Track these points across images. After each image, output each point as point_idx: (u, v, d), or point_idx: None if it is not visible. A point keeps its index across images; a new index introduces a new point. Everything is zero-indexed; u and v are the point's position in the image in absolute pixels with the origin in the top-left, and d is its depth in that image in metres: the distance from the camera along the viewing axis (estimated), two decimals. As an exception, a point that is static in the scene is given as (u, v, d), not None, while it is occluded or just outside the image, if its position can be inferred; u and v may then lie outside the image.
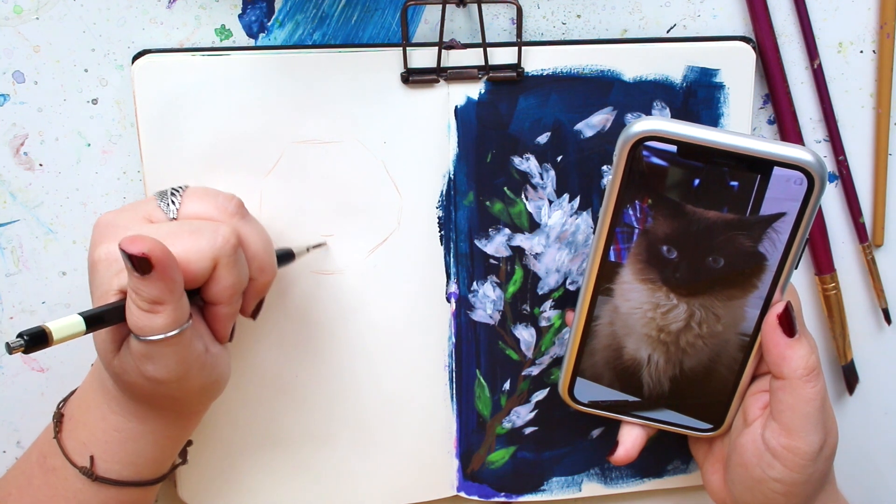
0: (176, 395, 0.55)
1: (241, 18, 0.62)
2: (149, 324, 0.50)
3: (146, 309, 0.50)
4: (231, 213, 0.56)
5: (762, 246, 0.56)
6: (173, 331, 0.51)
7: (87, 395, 0.58)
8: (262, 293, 0.59)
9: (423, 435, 0.69)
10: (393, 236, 0.65)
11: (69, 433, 0.58)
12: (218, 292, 0.54)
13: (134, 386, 0.54)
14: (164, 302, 0.50)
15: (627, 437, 0.64)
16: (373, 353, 0.67)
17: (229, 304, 0.56)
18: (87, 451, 0.57)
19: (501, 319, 0.67)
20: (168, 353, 0.52)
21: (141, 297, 0.50)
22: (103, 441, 0.57)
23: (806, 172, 0.53)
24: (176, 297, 0.51)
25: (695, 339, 0.60)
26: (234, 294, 0.55)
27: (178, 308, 0.51)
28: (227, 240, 0.53)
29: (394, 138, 0.64)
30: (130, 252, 0.48)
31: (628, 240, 0.57)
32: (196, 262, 0.52)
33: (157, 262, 0.49)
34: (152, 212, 0.56)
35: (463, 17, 0.64)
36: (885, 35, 0.67)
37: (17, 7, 0.60)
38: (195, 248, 0.52)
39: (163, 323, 0.51)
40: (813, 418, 0.56)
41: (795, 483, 0.57)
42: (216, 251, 0.53)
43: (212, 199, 0.56)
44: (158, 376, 0.53)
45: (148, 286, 0.49)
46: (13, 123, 0.62)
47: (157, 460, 0.59)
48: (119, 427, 0.57)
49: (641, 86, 0.64)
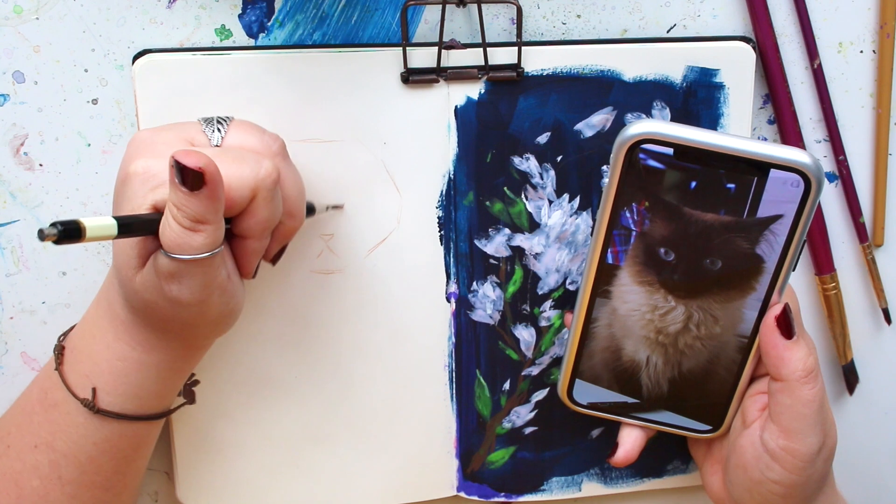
0: (191, 320, 0.54)
1: (241, 18, 0.62)
2: (187, 241, 0.50)
3: (187, 226, 0.49)
4: (275, 152, 0.56)
5: (760, 248, 0.56)
6: (207, 252, 0.50)
7: (92, 324, 0.58)
8: (287, 238, 0.58)
9: (423, 435, 0.69)
10: (393, 236, 0.65)
11: (71, 366, 0.58)
12: (251, 225, 0.54)
13: (151, 306, 0.53)
14: (207, 221, 0.49)
15: (627, 438, 0.64)
16: (373, 352, 0.67)
17: (259, 238, 0.55)
18: (90, 383, 0.57)
19: (501, 319, 0.67)
20: (196, 273, 0.51)
21: (184, 213, 0.49)
22: (107, 372, 0.56)
23: (803, 174, 0.53)
24: (217, 219, 0.50)
25: (693, 341, 0.60)
26: (265, 229, 0.54)
27: (218, 229, 0.50)
28: (269, 173, 0.53)
29: (394, 138, 0.64)
30: (186, 164, 0.47)
31: (626, 242, 0.57)
32: (237, 190, 0.51)
33: (209, 178, 0.48)
34: (195, 136, 0.55)
35: (463, 17, 0.64)
36: (885, 35, 0.66)
37: (17, 7, 0.60)
38: (238, 175, 0.52)
39: (201, 243, 0.50)
40: (811, 420, 0.56)
41: (794, 485, 0.57)
42: (258, 182, 0.52)
43: (258, 134, 0.56)
44: (181, 297, 0.52)
45: (194, 203, 0.48)
46: (13, 123, 0.62)
47: (160, 394, 0.59)
48: (123, 356, 0.56)
49: (641, 86, 0.64)
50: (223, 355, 0.65)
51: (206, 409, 0.66)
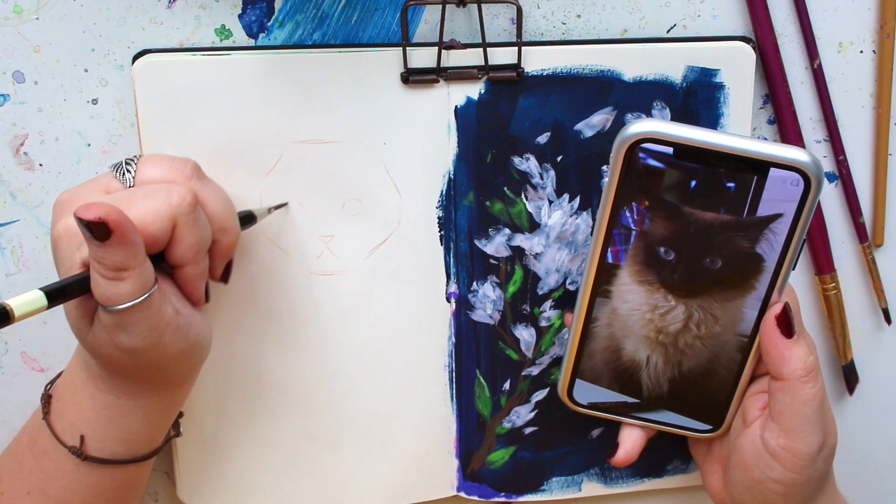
0: (155, 363, 0.54)
1: (241, 18, 0.62)
2: (115, 292, 0.50)
3: (110, 277, 0.49)
4: (188, 176, 0.56)
5: (759, 247, 0.56)
6: (140, 297, 0.51)
7: (73, 376, 0.58)
8: (227, 255, 0.58)
9: (423, 435, 0.69)
10: (393, 236, 0.65)
11: (58, 415, 0.58)
12: (181, 253, 0.54)
13: (112, 359, 0.54)
14: (128, 267, 0.49)
15: (627, 438, 0.64)
16: (373, 353, 0.67)
17: (195, 262, 0.55)
18: (77, 431, 0.57)
19: (501, 319, 0.67)
20: (138, 320, 0.51)
21: (103, 265, 0.49)
22: (94, 420, 0.57)
23: (802, 173, 0.53)
24: (139, 262, 0.50)
25: (693, 341, 0.60)
26: (197, 252, 0.55)
27: (142, 272, 0.50)
28: (182, 198, 0.53)
29: (394, 138, 0.64)
30: (86, 219, 0.47)
31: (625, 242, 0.57)
32: (154, 224, 0.52)
33: (114, 225, 0.48)
34: (109, 183, 0.55)
35: (463, 17, 0.64)
36: (885, 35, 0.66)
37: (17, 7, 0.60)
38: (151, 209, 0.52)
39: (129, 289, 0.50)
40: (812, 419, 0.56)
41: (794, 484, 0.57)
42: (173, 210, 0.52)
43: (167, 164, 0.56)
44: (133, 345, 0.52)
45: (109, 253, 0.49)
46: (13, 123, 0.62)
47: (149, 435, 0.59)
48: (108, 405, 0.57)
49: (641, 86, 0.64)
50: (224, 356, 0.65)
51: (206, 409, 0.66)
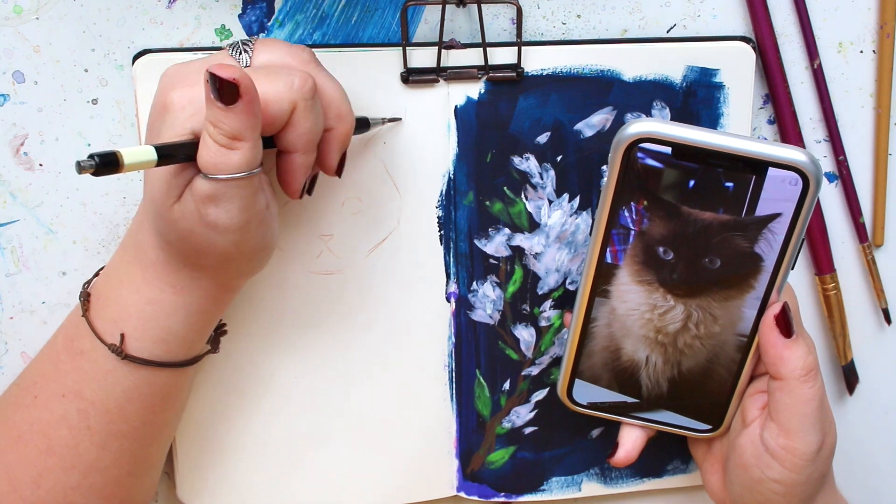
0: (227, 250, 0.54)
1: (241, 18, 0.62)
2: (224, 160, 0.49)
3: (224, 143, 0.49)
4: (305, 61, 0.55)
5: (758, 247, 0.56)
6: (247, 171, 0.50)
7: (119, 269, 0.57)
8: (343, 143, 0.57)
9: (423, 435, 0.69)
10: (393, 236, 0.65)
11: (98, 311, 0.57)
12: (295, 138, 0.53)
13: (188, 237, 0.53)
14: (244, 138, 0.49)
15: (627, 438, 0.64)
16: (373, 353, 0.67)
17: (305, 152, 0.54)
18: (118, 328, 0.56)
19: (501, 319, 0.67)
20: (234, 195, 0.51)
21: (221, 130, 0.49)
22: (135, 317, 0.56)
23: (801, 173, 0.53)
24: (254, 136, 0.50)
25: (692, 340, 0.60)
26: (310, 140, 0.54)
27: (255, 147, 0.50)
28: (304, 82, 0.52)
29: (394, 138, 0.64)
30: (221, 75, 0.47)
31: (624, 241, 0.57)
32: (275, 104, 0.51)
33: (244, 90, 0.48)
34: (223, 61, 0.54)
35: (463, 17, 0.64)
36: (885, 35, 0.66)
37: (17, 7, 0.61)
38: (273, 90, 0.51)
39: (238, 161, 0.50)
40: (811, 418, 0.56)
41: (794, 483, 0.57)
42: (294, 93, 0.52)
43: (284, 49, 0.55)
44: (220, 221, 0.52)
45: (231, 118, 0.48)
46: (13, 123, 0.62)
47: (189, 339, 0.58)
48: (153, 299, 0.56)
49: (641, 86, 0.64)
50: (223, 356, 0.65)
51: (206, 409, 0.66)
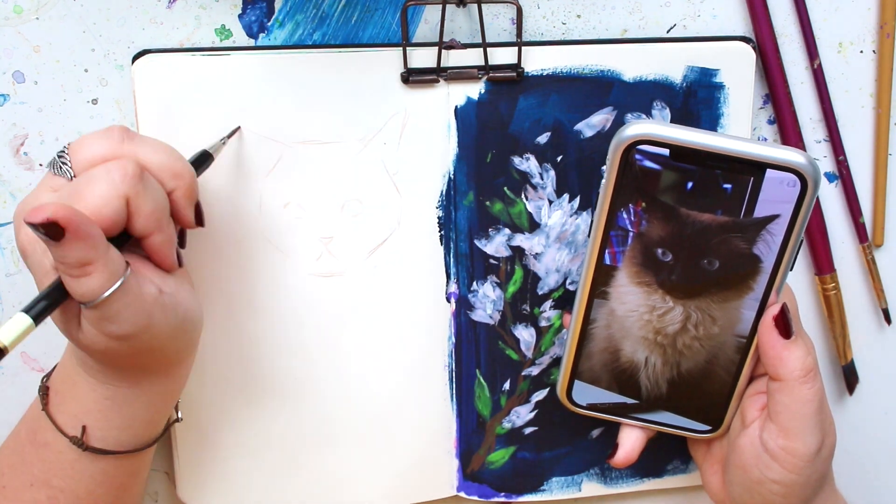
0: (149, 346, 0.53)
1: (241, 18, 0.62)
2: (87, 287, 0.49)
3: (77, 274, 0.48)
4: (119, 141, 0.53)
5: (757, 248, 0.56)
6: (113, 286, 0.49)
7: (70, 370, 0.57)
8: (191, 199, 0.56)
9: (423, 435, 0.69)
10: (393, 236, 0.65)
11: (58, 407, 0.57)
12: (142, 224, 0.52)
13: (108, 352, 0.53)
14: (91, 261, 0.48)
15: (627, 439, 0.64)
16: (373, 353, 0.67)
17: (159, 230, 0.53)
18: (79, 421, 0.56)
19: (501, 319, 0.67)
20: (121, 307, 0.50)
21: (67, 263, 0.48)
22: (95, 410, 0.56)
23: (799, 174, 0.53)
24: (101, 252, 0.49)
25: (691, 342, 0.60)
26: (158, 219, 0.53)
27: (109, 261, 0.49)
28: (125, 170, 0.51)
29: (394, 138, 0.64)
30: (36, 222, 0.46)
31: (623, 243, 0.57)
32: (106, 207, 0.50)
33: (65, 222, 0.46)
34: (52, 181, 0.53)
35: (463, 17, 0.64)
36: (885, 35, 0.66)
37: (17, 7, 0.61)
38: (99, 194, 0.50)
39: (99, 282, 0.49)
40: (811, 419, 0.56)
41: (794, 484, 0.57)
42: (119, 188, 0.50)
43: (95, 140, 0.53)
44: (123, 332, 0.51)
45: (67, 250, 0.47)
46: (13, 123, 0.62)
47: (152, 420, 0.59)
48: (109, 395, 0.56)
49: (641, 86, 0.64)
50: (224, 357, 0.65)
51: (206, 409, 0.66)
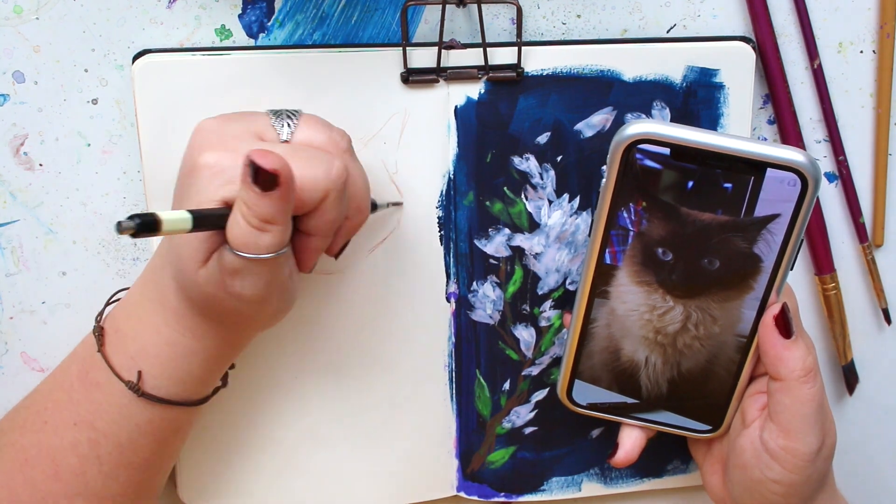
0: (250, 314, 0.54)
1: (241, 18, 0.62)
2: (255, 241, 0.49)
3: (256, 226, 0.49)
4: (343, 149, 0.55)
5: (757, 247, 0.56)
6: (275, 252, 0.50)
7: (140, 307, 0.57)
8: (353, 233, 0.58)
9: (423, 435, 0.69)
10: (393, 236, 0.65)
11: (115, 347, 0.57)
12: (319, 224, 0.53)
13: (211, 300, 0.53)
14: (276, 222, 0.49)
15: (627, 439, 0.64)
16: (373, 353, 0.67)
17: (325, 237, 0.54)
18: (135, 365, 0.56)
19: (501, 319, 0.67)
20: (260, 272, 0.51)
21: (254, 212, 0.48)
22: (154, 355, 0.56)
23: (799, 173, 0.53)
24: (286, 220, 0.50)
25: (692, 341, 0.60)
26: (332, 228, 0.54)
27: (286, 231, 0.50)
28: (340, 175, 0.52)
29: (394, 138, 0.64)
30: (262, 165, 0.47)
31: (623, 242, 0.57)
32: (309, 192, 0.51)
33: (283, 180, 0.48)
34: (264, 129, 0.54)
35: (463, 17, 0.64)
36: (885, 35, 0.66)
37: (17, 7, 0.61)
38: (311, 176, 0.51)
39: (268, 243, 0.50)
40: (811, 419, 0.56)
41: (794, 484, 0.57)
42: (329, 184, 0.52)
43: (327, 131, 0.55)
44: (244, 293, 0.52)
45: (265, 203, 0.48)
46: (13, 123, 0.62)
47: (204, 380, 0.59)
48: (173, 341, 0.56)
49: (641, 86, 0.64)
50: (223, 355, 0.65)
51: (206, 409, 0.66)
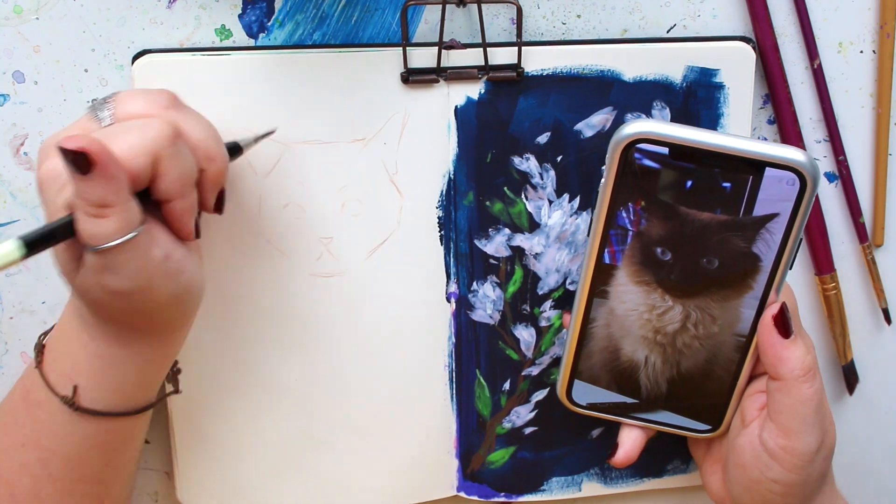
0: (144, 307, 0.53)
1: (241, 18, 0.62)
2: (99, 230, 0.48)
3: (93, 213, 0.48)
4: (165, 106, 0.53)
5: (756, 247, 0.56)
6: (125, 235, 0.49)
7: (66, 325, 0.57)
8: (217, 183, 0.56)
9: (423, 435, 0.69)
10: (393, 236, 0.65)
11: (51, 364, 0.57)
12: (166, 187, 0.52)
13: (101, 303, 0.52)
14: (111, 203, 0.48)
15: (627, 439, 0.64)
16: (373, 353, 0.67)
17: (182, 197, 0.53)
18: (70, 381, 0.56)
19: (501, 319, 0.67)
20: (125, 260, 0.50)
21: (87, 200, 0.48)
22: (87, 369, 0.56)
23: (798, 173, 0.53)
24: (122, 198, 0.48)
25: (691, 341, 0.60)
26: (183, 186, 0.53)
27: (127, 210, 0.49)
28: (160, 131, 0.51)
29: (394, 138, 0.64)
30: (68, 147, 0.46)
31: (622, 242, 0.57)
32: (134, 159, 0.49)
33: (96, 157, 0.46)
34: (87, 124, 0.53)
35: (463, 17, 0.64)
36: (885, 35, 0.66)
37: (17, 7, 0.61)
38: (129, 145, 0.50)
39: (113, 227, 0.48)
40: (810, 419, 0.56)
41: (793, 484, 0.57)
42: (151, 144, 0.50)
43: (142, 97, 0.54)
44: (120, 287, 0.51)
45: (91, 186, 0.47)
46: (13, 123, 0.62)
47: (143, 385, 0.58)
48: (100, 353, 0.55)
49: (641, 86, 0.64)
50: (223, 357, 0.65)
51: (206, 409, 0.66)
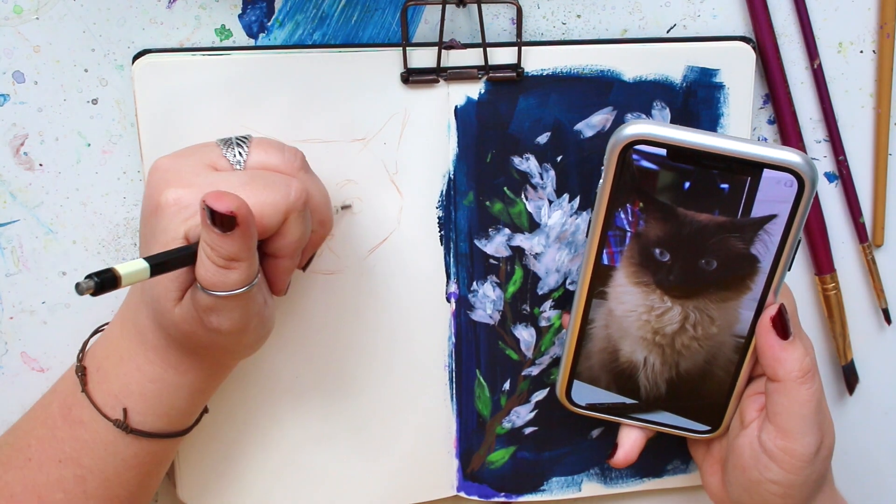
0: (229, 346, 0.55)
1: (241, 18, 0.62)
2: (222, 280, 0.50)
3: (221, 265, 0.49)
4: (297, 168, 0.55)
5: (754, 248, 0.56)
6: (245, 287, 0.51)
7: (119, 345, 0.57)
8: (318, 246, 0.59)
9: (423, 435, 0.69)
10: (393, 236, 0.65)
11: (97, 385, 0.57)
12: (284, 246, 0.54)
13: (190, 336, 0.54)
14: (241, 259, 0.50)
15: (626, 439, 0.64)
16: (373, 353, 0.67)
17: (292, 257, 0.55)
18: (119, 403, 0.56)
19: (501, 319, 0.67)
20: (235, 306, 0.52)
21: (217, 252, 0.49)
22: (137, 393, 0.56)
23: (796, 174, 0.53)
24: (251, 254, 0.50)
25: (690, 342, 0.60)
26: (298, 248, 0.55)
27: (252, 265, 0.51)
28: (299, 195, 0.52)
29: (394, 138, 0.64)
30: (217, 209, 0.47)
31: (621, 243, 0.57)
32: (269, 217, 0.51)
33: (241, 220, 0.48)
34: (216, 160, 0.54)
35: (463, 17, 0.64)
36: (885, 35, 0.66)
37: (17, 7, 0.61)
38: (270, 201, 0.51)
39: (236, 279, 0.50)
40: (809, 420, 0.56)
41: (792, 485, 0.57)
42: (289, 205, 0.52)
43: (279, 152, 0.55)
44: (222, 328, 0.52)
45: (227, 243, 0.49)
46: (13, 123, 0.62)
47: (188, 412, 0.59)
48: (155, 378, 0.56)
49: (641, 86, 0.64)
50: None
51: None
